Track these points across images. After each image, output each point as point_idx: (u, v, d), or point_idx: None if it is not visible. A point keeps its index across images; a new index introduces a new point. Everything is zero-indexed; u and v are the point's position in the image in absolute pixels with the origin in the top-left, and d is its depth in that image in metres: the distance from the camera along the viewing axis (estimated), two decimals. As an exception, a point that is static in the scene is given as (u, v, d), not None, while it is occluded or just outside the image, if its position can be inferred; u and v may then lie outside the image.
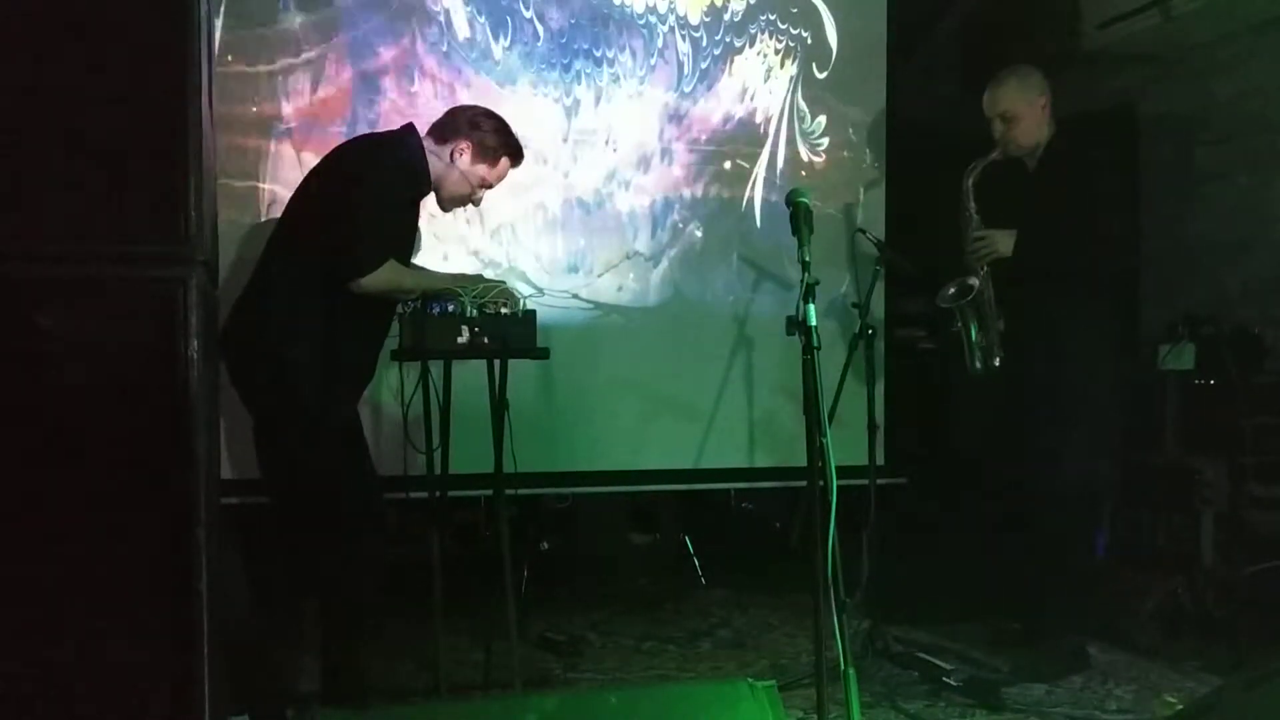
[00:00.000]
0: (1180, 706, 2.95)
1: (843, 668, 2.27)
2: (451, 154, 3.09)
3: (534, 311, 3.08)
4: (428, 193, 3.14)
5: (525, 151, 3.23)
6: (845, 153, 4.54)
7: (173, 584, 1.77)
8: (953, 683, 3.21)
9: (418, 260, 3.46)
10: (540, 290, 4.07)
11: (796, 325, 2.38)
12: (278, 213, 3.26)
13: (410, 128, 3.14)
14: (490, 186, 3.20)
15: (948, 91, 4.77)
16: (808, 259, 2.44)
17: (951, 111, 4.18)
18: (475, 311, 2.98)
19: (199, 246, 1.78)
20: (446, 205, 3.19)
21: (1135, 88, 4.75)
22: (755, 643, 3.86)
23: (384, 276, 2.95)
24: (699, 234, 4.38)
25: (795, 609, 4.11)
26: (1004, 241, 3.52)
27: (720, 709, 2.06)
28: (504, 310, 3.03)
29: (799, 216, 2.51)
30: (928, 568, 4.16)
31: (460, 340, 2.97)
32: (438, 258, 3.93)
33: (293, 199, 3.11)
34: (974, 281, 3.55)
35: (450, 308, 2.98)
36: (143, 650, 1.77)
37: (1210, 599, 3.62)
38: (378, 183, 2.98)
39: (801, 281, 2.40)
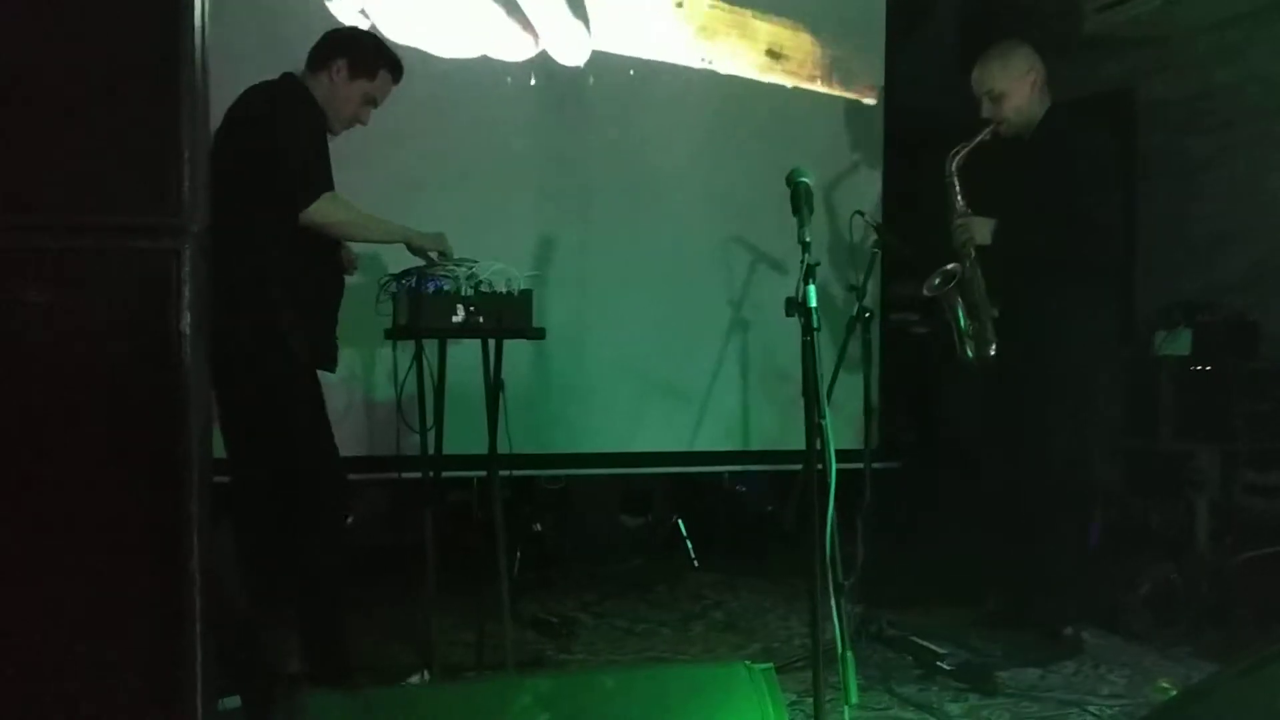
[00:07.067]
0: (1175, 692, 2.95)
1: (840, 650, 2.26)
2: (330, 75, 3.07)
3: (530, 291, 3.06)
4: (325, 124, 3.09)
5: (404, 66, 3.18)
6: (843, 134, 4.52)
7: (165, 564, 1.74)
8: (946, 667, 3.21)
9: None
10: (537, 272, 4.03)
11: (796, 306, 2.35)
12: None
13: (288, 74, 3.10)
14: (375, 104, 3.16)
15: (946, 73, 4.74)
16: (808, 239, 2.41)
17: (950, 93, 4.16)
18: (471, 290, 2.96)
19: (193, 216, 1.73)
20: (336, 127, 3.12)
21: (1134, 72, 4.73)
22: (748, 625, 3.86)
23: (329, 206, 2.91)
24: (695, 217, 4.35)
25: (788, 592, 4.10)
26: (981, 230, 3.49)
27: (717, 691, 2.04)
28: (501, 289, 3.00)
29: (799, 197, 2.47)
30: (921, 552, 4.16)
31: (455, 319, 2.94)
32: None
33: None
34: (954, 267, 3.51)
35: (445, 286, 2.95)
36: (134, 631, 1.74)
37: (1203, 585, 3.62)
38: (291, 115, 2.95)
39: (802, 262, 2.37)
